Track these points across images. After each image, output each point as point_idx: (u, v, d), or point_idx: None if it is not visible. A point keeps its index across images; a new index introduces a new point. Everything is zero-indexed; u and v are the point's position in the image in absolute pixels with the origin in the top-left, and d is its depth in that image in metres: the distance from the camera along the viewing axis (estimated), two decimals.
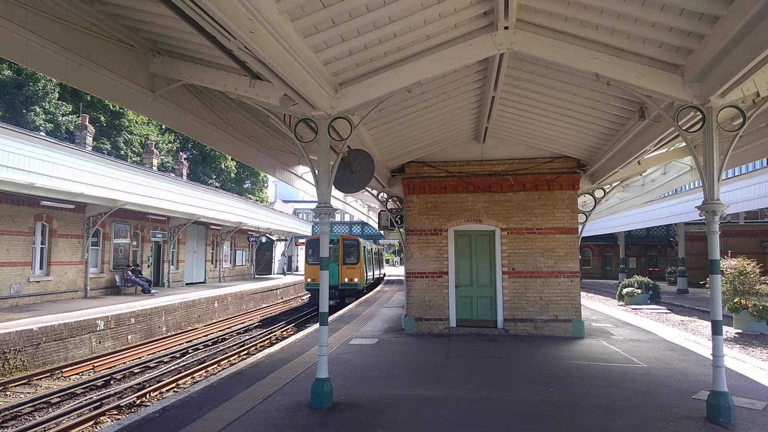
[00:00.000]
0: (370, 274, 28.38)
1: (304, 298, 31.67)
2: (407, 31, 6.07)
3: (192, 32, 4.98)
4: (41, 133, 19.68)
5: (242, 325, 20.53)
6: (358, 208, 27.09)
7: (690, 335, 13.07)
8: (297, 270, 49.79)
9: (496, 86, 8.14)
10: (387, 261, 68.25)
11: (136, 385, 11.21)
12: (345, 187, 8.60)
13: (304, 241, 35.58)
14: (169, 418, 6.09)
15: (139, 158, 32.09)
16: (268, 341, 16.83)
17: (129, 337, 15.81)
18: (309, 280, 23.62)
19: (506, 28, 6.17)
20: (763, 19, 4.42)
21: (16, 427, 8.40)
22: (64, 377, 11.89)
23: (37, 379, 11.48)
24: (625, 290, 22.61)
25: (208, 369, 12.71)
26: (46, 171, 14.75)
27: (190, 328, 19.46)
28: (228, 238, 33.21)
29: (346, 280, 23.31)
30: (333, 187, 6.95)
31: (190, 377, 11.88)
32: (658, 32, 5.63)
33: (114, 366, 12.97)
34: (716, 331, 5.95)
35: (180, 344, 16.29)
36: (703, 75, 5.78)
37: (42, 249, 18.05)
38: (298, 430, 5.68)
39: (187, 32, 5.53)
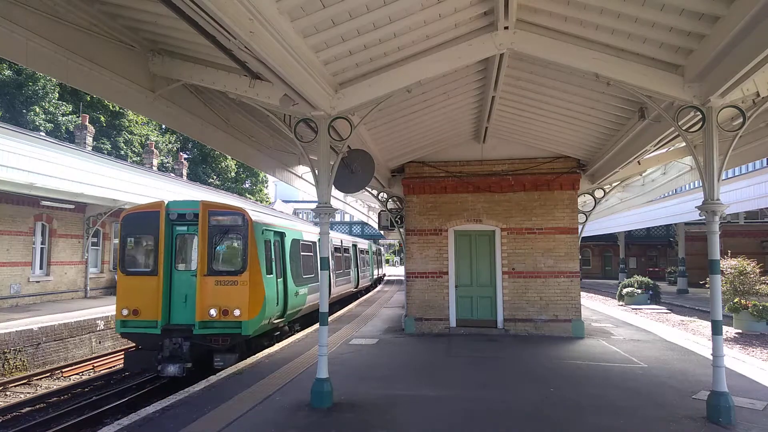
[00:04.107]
0: (296, 292, 12.52)
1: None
2: (407, 31, 6.07)
3: (192, 32, 4.98)
4: (41, 133, 19.68)
5: None
6: (358, 208, 27.13)
7: (690, 335, 13.08)
8: None
9: (496, 86, 8.14)
10: (387, 261, 68.29)
11: (136, 385, 11.20)
12: (345, 187, 8.61)
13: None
14: (169, 418, 6.09)
15: (139, 158, 32.09)
16: None
17: None
18: (125, 312, 9.65)
19: (506, 28, 6.17)
20: (763, 19, 4.42)
21: (16, 427, 8.39)
22: (64, 377, 11.89)
23: (37, 379, 11.48)
24: (625, 290, 22.62)
25: None
26: (46, 171, 14.75)
27: None
28: None
29: (213, 314, 9.49)
30: (333, 187, 6.95)
31: None
32: (658, 32, 5.63)
33: (114, 366, 12.96)
34: (716, 331, 5.95)
35: None
36: (703, 75, 5.79)
37: (42, 249, 18.06)
38: (299, 430, 5.68)
39: (187, 32, 5.52)
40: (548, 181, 11.87)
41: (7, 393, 10.54)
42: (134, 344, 10.18)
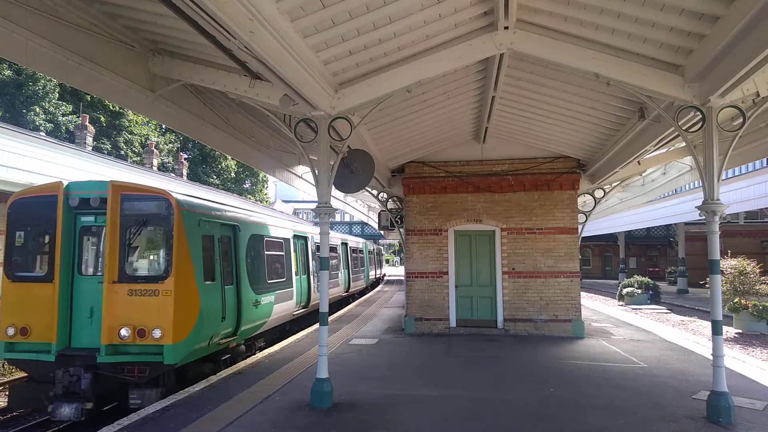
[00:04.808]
0: (255, 302, 9.92)
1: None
2: (407, 31, 6.08)
3: (192, 32, 4.98)
4: (41, 133, 19.69)
5: None
6: (358, 208, 27.16)
7: (690, 335, 13.08)
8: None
9: (496, 86, 8.15)
10: (387, 261, 68.32)
11: None
12: (345, 187, 8.62)
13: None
14: (169, 418, 6.09)
15: (139, 158, 32.11)
16: None
17: None
18: (10, 332, 7.26)
19: (506, 28, 6.18)
20: (763, 19, 4.43)
21: (16, 427, 8.39)
22: None
23: None
24: (625, 290, 22.61)
25: None
26: (46, 171, 14.73)
27: None
28: None
29: (125, 335, 7.08)
30: (333, 187, 6.95)
31: None
32: (658, 32, 5.63)
33: None
34: (716, 331, 5.95)
35: None
36: (703, 75, 5.79)
37: None
38: (299, 430, 5.68)
39: (187, 32, 5.53)
40: (548, 181, 11.87)
41: (7, 393, 10.53)
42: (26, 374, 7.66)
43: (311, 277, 14.19)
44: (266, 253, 10.84)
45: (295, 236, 13.30)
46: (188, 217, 7.67)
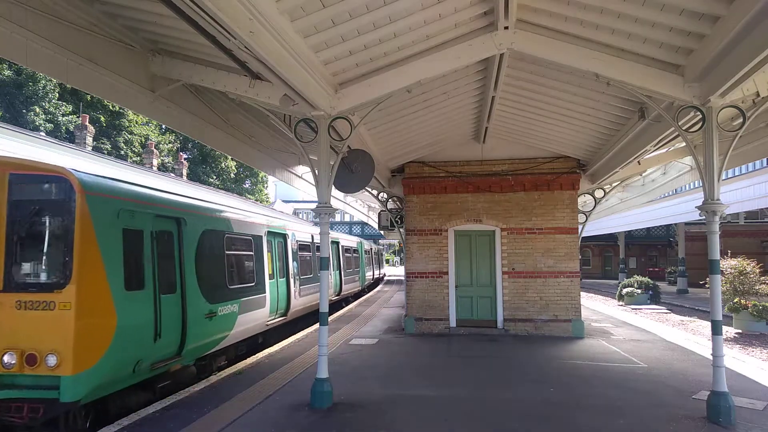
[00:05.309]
0: (209, 314, 7.96)
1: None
2: (407, 31, 6.08)
3: (192, 32, 4.99)
4: (41, 133, 19.69)
5: None
6: (358, 208, 27.16)
7: (690, 335, 13.08)
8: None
9: (496, 86, 8.15)
10: (387, 261, 68.32)
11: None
12: (345, 187, 8.62)
13: None
14: (170, 418, 6.09)
15: (139, 158, 32.11)
16: None
17: None
18: None
19: (506, 28, 6.18)
20: (763, 19, 4.43)
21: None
22: None
23: None
24: (625, 290, 22.59)
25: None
26: None
27: None
28: None
29: (9, 362, 5.26)
30: (333, 187, 6.95)
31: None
32: (658, 32, 5.63)
33: None
34: (716, 331, 5.95)
35: None
36: (703, 75, 5.79)
37: None
38: (299, 430, 5.68)
39: (187, 32, 5.53)
40: (548, 181, 11.87)
41: None
42: None
43: (291, 280, 12.37)
44: (227, 252, 8.93)
45: (269, 233, 11.22)
46: (99, 205, 5.78)
